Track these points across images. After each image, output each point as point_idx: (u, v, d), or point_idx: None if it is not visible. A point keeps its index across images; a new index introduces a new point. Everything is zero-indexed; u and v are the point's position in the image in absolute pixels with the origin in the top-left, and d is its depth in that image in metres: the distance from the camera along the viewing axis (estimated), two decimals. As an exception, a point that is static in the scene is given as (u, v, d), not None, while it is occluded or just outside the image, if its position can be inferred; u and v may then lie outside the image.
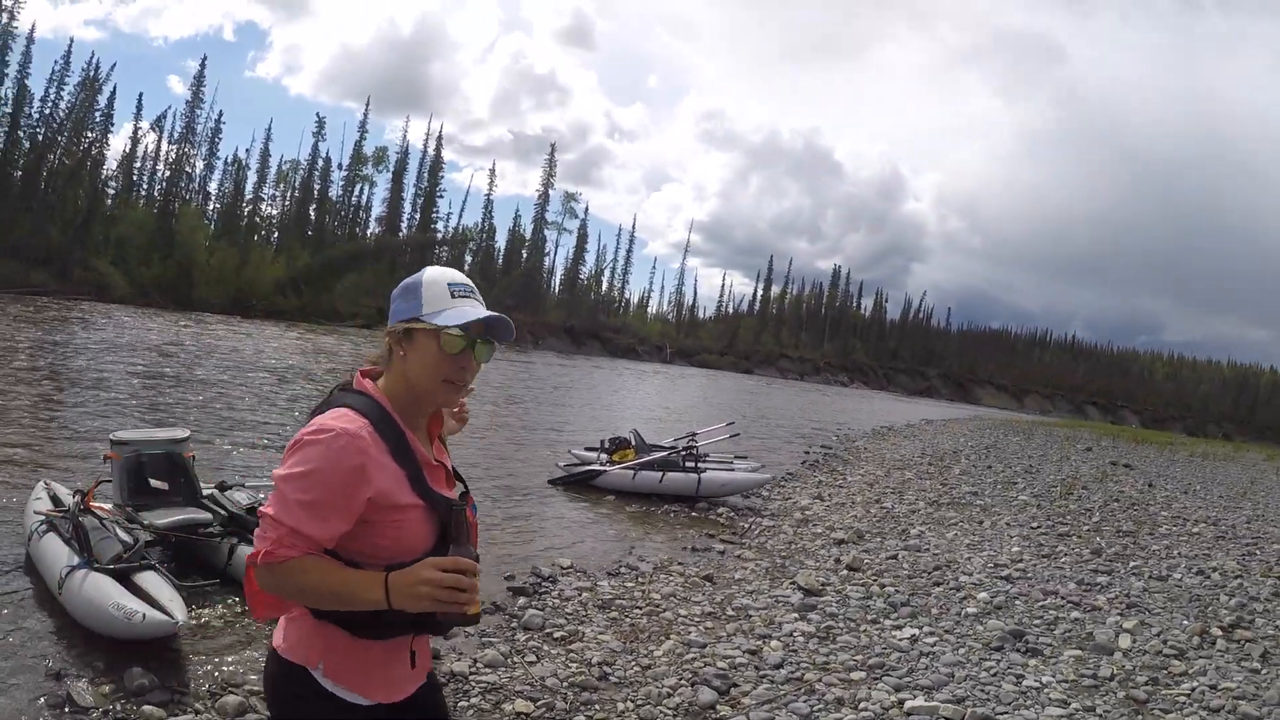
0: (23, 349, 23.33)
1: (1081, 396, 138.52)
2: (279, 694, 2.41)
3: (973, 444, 29.59)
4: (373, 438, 2.24)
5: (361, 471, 2.19)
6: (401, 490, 2.26)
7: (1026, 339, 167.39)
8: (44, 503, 7.71)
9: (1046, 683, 6.19)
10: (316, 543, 2.21)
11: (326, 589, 2.21)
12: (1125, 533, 12.74)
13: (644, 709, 5.63)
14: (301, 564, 2.19)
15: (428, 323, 2.32)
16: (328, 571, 2.21)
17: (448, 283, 2.38)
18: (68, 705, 5.09)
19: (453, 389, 2.36)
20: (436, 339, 2.31)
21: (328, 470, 2.18)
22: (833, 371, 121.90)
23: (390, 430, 2.30)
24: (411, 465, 2.30)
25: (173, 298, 62.30)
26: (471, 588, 2.14)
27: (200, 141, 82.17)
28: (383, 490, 2.22)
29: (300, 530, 2.17)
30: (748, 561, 10.03)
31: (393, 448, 2.27)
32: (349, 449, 2.19)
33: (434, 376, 2.33)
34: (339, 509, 2.20)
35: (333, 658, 2.31)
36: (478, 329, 2.33)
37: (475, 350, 2.35)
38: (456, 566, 2.13)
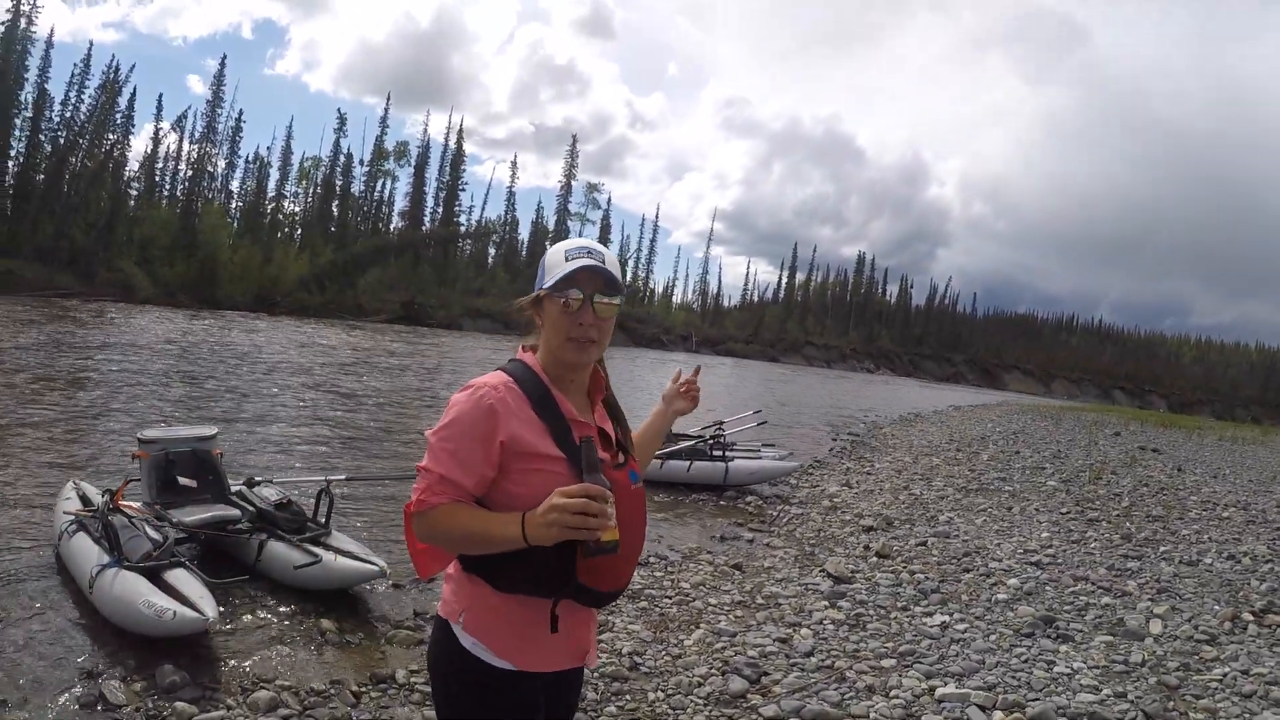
0: (49, 350, 23.48)
1: (1109, 381, 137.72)
2: (430, 649, 2.57)
3: (1000, 430, 29.46)
4: (513, 391, 2.40)
5: (493, 416, 2.34)
6: (541, 441, 2.35)
7: (1053, 323, 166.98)
8: (74, 502, 7.77)
9: (1078, 669, 6.18)
10: (461, 488, 2.35)
11: (470, 531, 2.32)
12: (1154, 518, 12.67)
13: (674, 698, 5.65)
14: (449, 510, 2.34)
15: (545, 289, 2.43)
16: (471, 515, 2.34)
17: (565, 250, 2.47)
18: (100, 703, 5.13)
19: (577, 346, 2.43)
20: (555, 302, 2.42)
21: (465, 418, 2.35)
22: (858, 359, 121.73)
23: (535, 387, 2.43)
24: (555, 420, 2.39)
25: (197, 296, 62.65)
26: (602, 513, 2.16)
27: (221, 140, 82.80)
28: (516, 436, 2.34)
29: (447, 476, 2.34)
30: (776, 549, 10.03)
31: (535, 402, 2.40)
32: (485, 398, 2.36)
33: (559, 335, 2.43)
34: (478, 454, 2.34)
35: (473, 611, 2.42)
36: (585, 283, 2.41)
37: (593, 306, 2.42)
38: (584, 492, 2.16)
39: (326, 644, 6.48)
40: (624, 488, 2.39)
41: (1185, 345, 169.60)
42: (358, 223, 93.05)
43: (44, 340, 25.70)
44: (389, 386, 25.40)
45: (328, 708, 5.34)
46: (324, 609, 7.02)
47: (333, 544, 7.59)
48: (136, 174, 76.45)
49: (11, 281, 50.25)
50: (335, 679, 5.78)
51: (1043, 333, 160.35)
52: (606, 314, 2.44)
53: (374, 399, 22.00)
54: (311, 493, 8.40)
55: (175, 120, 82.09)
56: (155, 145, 79.54)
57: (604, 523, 2.16)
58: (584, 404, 2.54)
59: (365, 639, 6.68)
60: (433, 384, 27.57)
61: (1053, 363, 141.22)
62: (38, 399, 15.45)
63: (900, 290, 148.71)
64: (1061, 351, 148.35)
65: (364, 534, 8.99)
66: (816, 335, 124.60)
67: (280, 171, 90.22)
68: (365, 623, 6.99)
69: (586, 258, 2.42)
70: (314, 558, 7.17)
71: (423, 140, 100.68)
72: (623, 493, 2.35)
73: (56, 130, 67.67)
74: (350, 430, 16.54)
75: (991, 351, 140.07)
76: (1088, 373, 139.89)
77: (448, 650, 2.45)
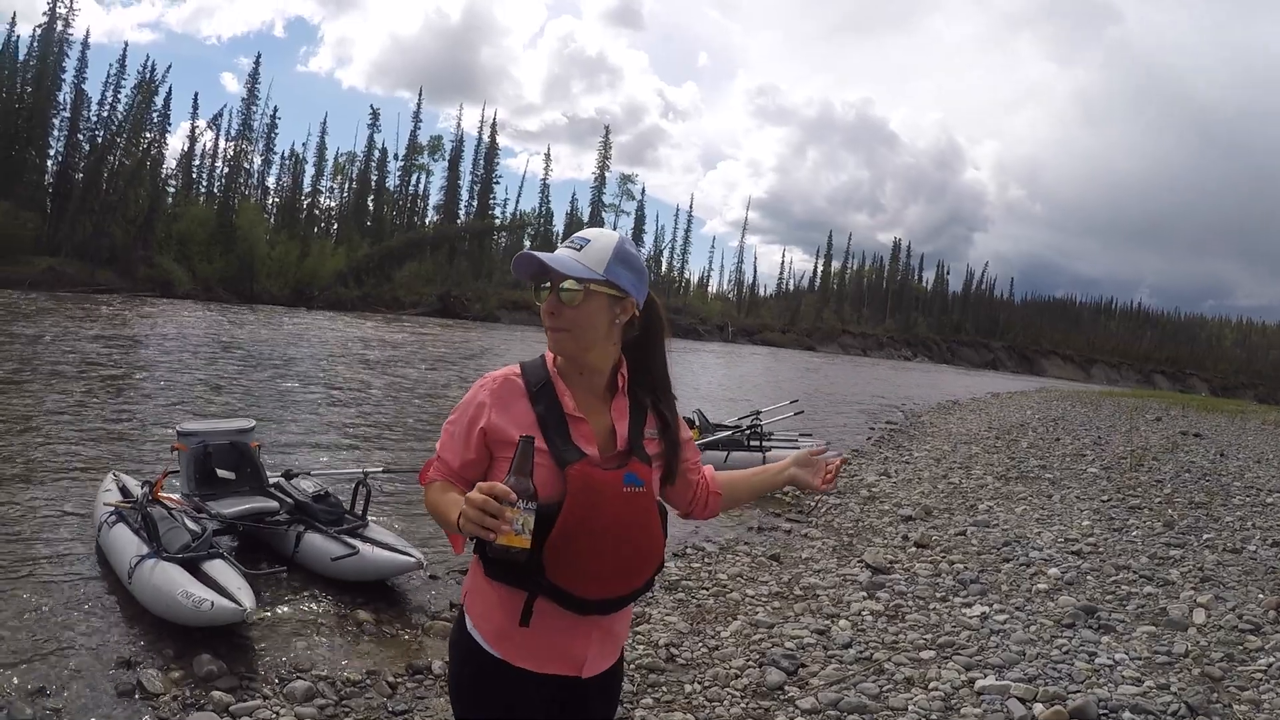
0: (91, 345, 23.72)
1: (1149, 365, 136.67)
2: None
3: (1040, 416, 29.25)
4: (511, 383, 2.43)
5: (481, 406, 2.40)
6: (521, 429, 2.31)
7: (1091, 307, 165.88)
8: (113, 494, 7.83)
9: (1119, 660, 6.09)
10: (450, 468, 2.45)
11: (437, 509, 2.41)
12: (1197, 504, 12.52)
13: (711, 690, 5.62)
14: (436, 486, 2.46)
15: None
16: (444, 495, 2.40)
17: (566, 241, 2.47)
18: (138, 691, 5.17)
19: (548, 335, 2.43)
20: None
21: (462, 405, 2.46)
22: (896, 346, 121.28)
23: (538, 379, 2.44)
24: (548, 411, 2.38)
25: (235, 291, 63.28)
26: (499, 514, 2.05)
27: (257, 137, 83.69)
28: (495, 425, 2.37)
29: (440, 454, 2.48)
30: (814, 540, 9.97)
31: (533, 394, 2.40)
32: (483, 388, 2.44)
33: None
34: (462, 437, 2.43)
35: (472, 594, 2.46)
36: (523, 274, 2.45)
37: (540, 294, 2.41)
38: (490, 490, 2.08)
39: (363, 635, 6.50)
40: (611, 490, 2.32)
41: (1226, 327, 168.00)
42: (393, 217, 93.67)
43: (85, 335, 25.97)
44: (425, 380, 25.50)
45: (364, 698, 5.36)
46: (361, 600, 7.05)
47: (369, 536, 7.62)
48: (174, 171, 77.53)
49: (53, 278, 50.84)
50: (371, 670, 5.80)
51: (1081, 317, 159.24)
52: (569, 300, 2.36)
53: (410, 392, 22.09)
54: (349, 485, 8.45)
55: (211, 118, 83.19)
56: (192, 143, 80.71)
57: (499, 525, 2.07)
58: (597, 400, 2.49)
59: (402, 630, 6.70)
60: (469, 377, 27.57)
61: (1092, 347, 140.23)
62: (79, 393, 15.61)
63: (937, 276, 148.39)
64: (1100, 336, 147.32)
65: (400, 526, 9.02)
66: (853, 323, 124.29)
67: (315, 167, 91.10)
68: (401, 614, 7.02)
69: (563, 246, 2.45)
70: (351, 549, 7.20)
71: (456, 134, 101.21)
72: (605, 493, 2.31)
73: (94, 129, 68.58)
74: (387, 423, 16.61)
75: (1029, 337, 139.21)
76: (1127, 357, 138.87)
77: (457, 629, 2.49)
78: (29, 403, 14.21)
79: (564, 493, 2.26)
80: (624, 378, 2.53)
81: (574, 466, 2.29)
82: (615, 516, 2.31)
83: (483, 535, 2.09)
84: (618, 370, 2.53)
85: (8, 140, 63.06)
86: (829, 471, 2.77)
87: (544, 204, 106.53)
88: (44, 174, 66.64)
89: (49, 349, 21.77)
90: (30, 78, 65.71)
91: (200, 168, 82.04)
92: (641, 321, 2.52)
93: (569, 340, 2.40)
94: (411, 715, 5.19)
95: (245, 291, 64.33)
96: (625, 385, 2.53)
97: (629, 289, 2.43)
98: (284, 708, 5.11)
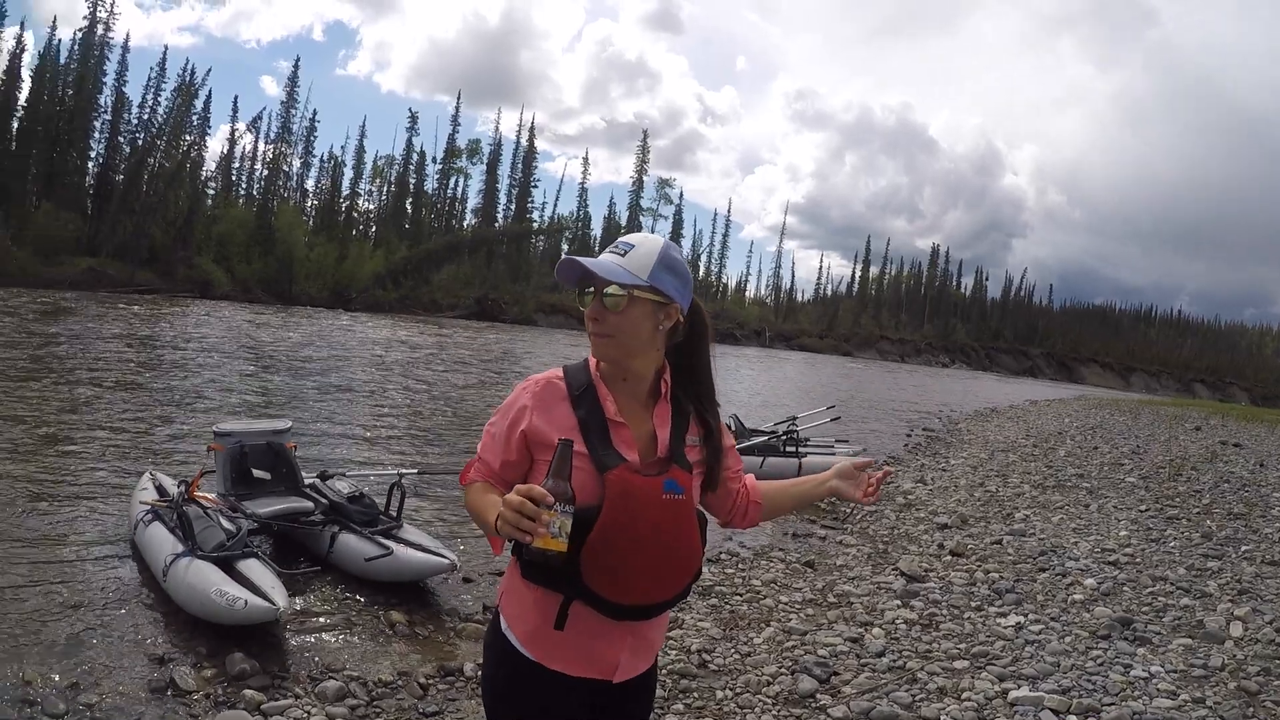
0: (130, 345, 23.97)
1: (1189, 374, 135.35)
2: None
3: (1078, 424, 29.01)
4: (553, 386, 2.43)
5: (523, 409, 2.41)
6: (562, 433, 2.30)
7: (1131, 315, 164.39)
8: (149, 493, 7.90)
9: (1155, 673, 6.02)
10: (491, 470, 2.46)
11: (475, 510, 2.42)
12: (1236, 515, 12.37)
13: (743, 697, 5.61)
14: (476, 487, 2.46)
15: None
16: (483, 496, 2.40)
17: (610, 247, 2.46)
18: (170, 689, 5.22)
19: (591, 340, 2.42)
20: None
21: (505, 407, 2.47)
22: (933, 352, 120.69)
23: (580, 382, 2.43)
24: (589, 415, 2.37)
25: (274, 293, 63.80)
26: (534, 515, 2.05)
27: (296, 140, 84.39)
28: (536, 428, 2.37)
29: (481, 456, 2.49)
30: (850, 547, 9.93)
31: (575, 397, 2.40)
32: (525, 391, 2.44)
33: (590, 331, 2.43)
34: (502, 439, 2.43)
35: (509, 593, 2.46)
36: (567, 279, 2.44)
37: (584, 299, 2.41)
38: (527, 493, 2.07)
39: (395, 636, 6.53)
40: (650, 496, 2.31)
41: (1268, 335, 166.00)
42: (431, 220, 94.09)
43: (124, 335, 26.23)
44: (462, 382, 25.58)
45: (395, 699, 5.38)
46: (394, 601, 7.07)
47: (404, 537, 7.66)
48: (213, 174, 78.30)
49: (93, 279, 51.35)
50: (403, 671, 5.82)
51: (1121, 325, 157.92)
52: (614, 305, 2.36)
53: (447, 394, 22.17)
54: (384, 486, 8.51)
55: (251, 121, 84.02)
56: (231, 145, 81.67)
57: (535, 528, 2.06)
58: (640, 405, 2.47)
59: (434, 631, 6.73)
60: (506, 380, 27.70)
61: (1131, 355, 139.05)
62: (118, 392, 15.77)
63: (975, 283, 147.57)
64: (1140, 344, 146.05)
65: (435, 527, 9.06)
66: (891, 329, 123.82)
67: (354, 170, 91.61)
68: (434, 615, 7.04)
69: (608, 251, 2.43)
70: (385, 550, 7.23)
71: (494, 137, 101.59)
72: (644, 500, 2.30)
73: (135, 132, 69.27)
74: (423, 425, 16.68)
75: (1068, 344, 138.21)
76: (1167, 365, 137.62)
77: (491, 630, 2.49)
78: (68, 402, 14.37)
79: (603, 498, 2.25)
80: (667, 384, 2.52)
81: (613, 472, 2.28)
82: (654, 523, 2.30)
83: (519, 537, 2.08)
84: (661, 376, 2.51)
85: (49, 143, 63.81)
86: (871, 484, 2.69)
87: (582, 208, 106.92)
88: (85, 176, 67.34)
89: (89, 349, 22.00)
90: (71, 81, 66.45)
91: (239, 170, 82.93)
92: (686, 327, 2.51)
93: (612, 346, 2.40)
94: (443, 717, 5.21)
95: (284, 293, 64.79)
96: (668, 391, 2.51)
97: (673, 295, 2.42)
98: (315, 707, 5.14)
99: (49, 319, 28.73)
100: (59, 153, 64.70)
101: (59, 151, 64.67)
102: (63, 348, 21.60)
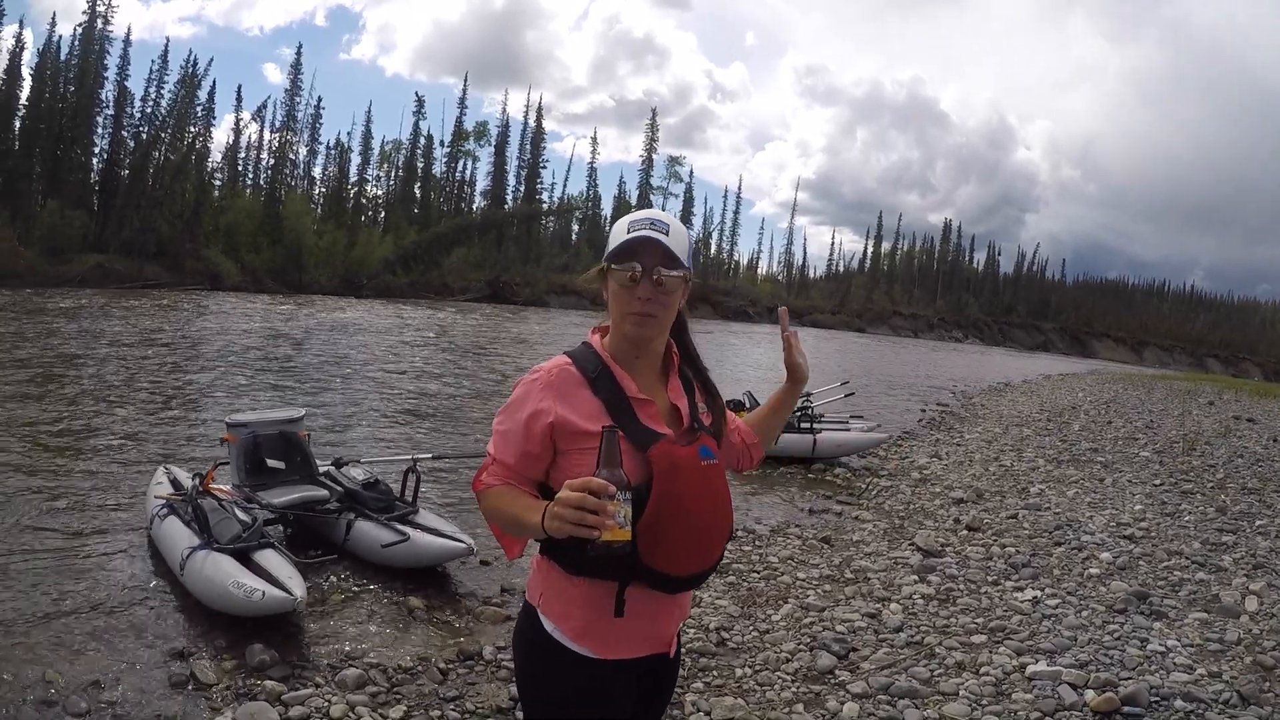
0: (141, 340, 24.03)
1: (1202, 349, 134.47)
2: (515, 630, 2.57)
3: (1092, 399, 28.95)
4: (567, 373, 2.37)
5: (541, 402, 2.33)
6: (592, 420, 2.29)
7: (1144, 290, 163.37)
8: (164, 487, 7.91)
9: (1171, 647, 6.03)
10: (512, 470, 2.38)
11: (507, 515, 2.33)
12: (1250, 490, 12.36)
13: (762, 674, 5.64)
14: (499, 492, 2.38)
15: (605, 261, 2.37)
16: (513, 499, 2.34)
17: (630, 221, 2.38)
18: (191, 682, 5.24)
19: (637, 320, 2.34)
20: (616, 275, 2.35)
21: (516, 402, 2.38)
22: (946, 328, 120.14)
23: (593, 366, 2.38)
24: (612, 397, 2.34)
25: (284, 281, 63.65)
26: (601, 510, 2.00)
27: (302, 128, 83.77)
28: (563, 418, 2.31)
29: (497, 457, 2.40)
30: (866, 523, 9.95)
31: (592, 381, 2.35)
32: (537, 382, 2.36)
33: (620, 309, 2.36)
34: (519, 435, 2.35)
35: (548, 593, 2.40)
36: (644, 255, 2.32)
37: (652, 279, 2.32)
38: (585, 486, 2.02)
39: (414, 621, 6.55)
40: (691, 465, 2.30)
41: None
42: (440, 203, 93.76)
43: (134, 330, 26.28)
44: (475, 365, 25.60)
45: (415, 685, 5.41)
46: (412, 587, 7.10)
47: (420, 522, 7.67)
48: (219, 164, 77.77)
49: (102, 275, 51.32)
50: (423, 656, 5.85)
51: (1134, 299, 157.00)
52: (670, 287, 2.34)
53: (460, 378, 22.18)
54: (399, 472, 8.49)
55: (255, 110, 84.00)
56: (236, 135, 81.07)
57: (603, 521, 2.00)
58: (655, 380, 2.47)
59: (453, 616, 6.74)
60: (519, 362, 27.65)
61: (1144, 330, 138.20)
62: (130, 387, 15.83)
63: (988, 258, 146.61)
64: (1153, 318, 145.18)
65: (451, 512, 9.07)
66: (903, 305, 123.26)
67: (361, 156, 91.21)
68: (452, 600, 7.06)
69: (648, 229, 2.33)
70: (402, 536, 7.25)
71: (502, 119, 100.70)
72: (688, 470, 2.28)
73: (139, 126, 68.78)
74: (437, 409, 16.70)
75: (1081, 319, 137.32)
76: (1180, 340, 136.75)
77: (529, 632, 2.42)
78: (80, 399, 14.44)
79: (649, 475, 2.23)
80: (676, 357, 2.54)
81: (655, 447, 2.27)
82: (697, 492, 2.30)
83: (584, 534, 2.03)
84: (670, 351, 2.53)
85: (53, 140, 63.50)
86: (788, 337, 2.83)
87: (591, 187, 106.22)
88: (90, 172, 66.99)
89: (99, 345, 22.06)
90: (73, 77, 66.24)
91: (245, 160, 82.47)
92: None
93: (654, 326, 2.37)
94: (463, 701, 5.23)
95: (293, 281, 64.65)
96: (677, 364, 2.54)
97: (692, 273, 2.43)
98: (336, 695, 5.17)
99: (58, 317, 28.81)
100: (63, 150, 64.29)
101: (63, 149, 64.26)
102: (74, 345, 21.67)
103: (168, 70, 70.91)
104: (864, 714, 5.09)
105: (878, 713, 5.10)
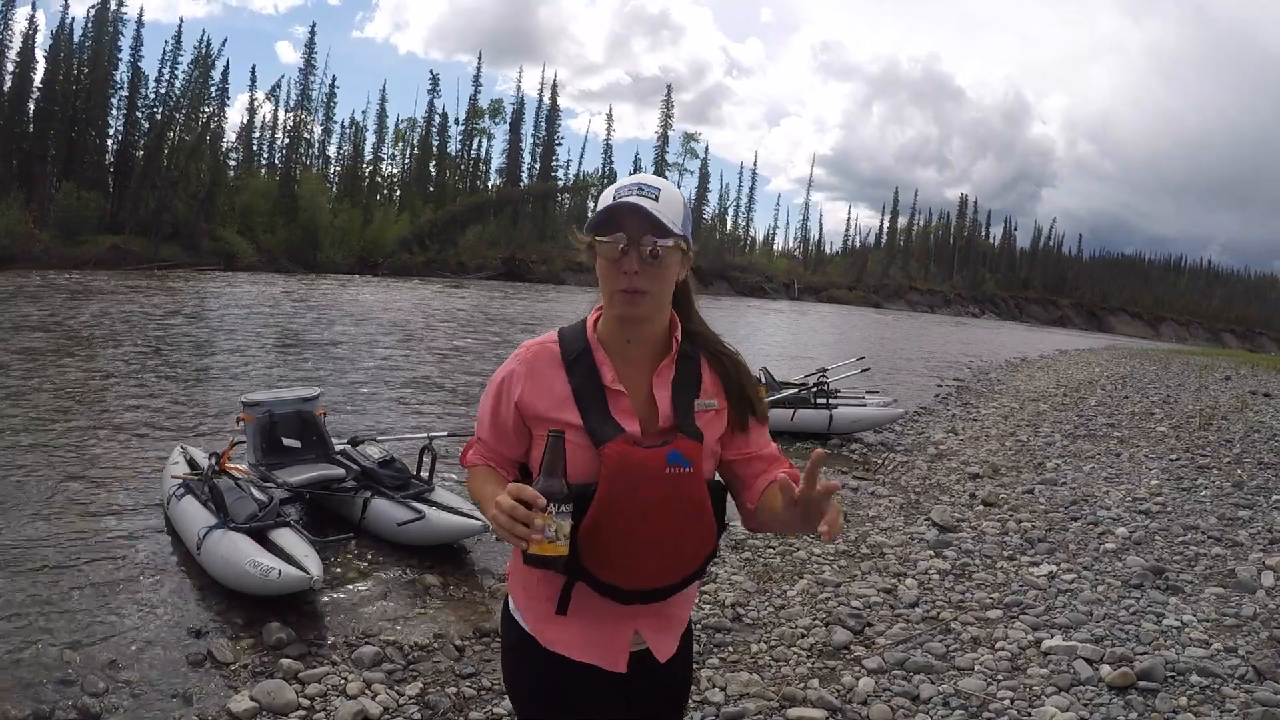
0: (156, 321, 24.11)
1: (1218, 324, 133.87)
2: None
3: (1108, 374, 28.83)
4: (547, 352, 2.24)
5: (512, 379, 2.24)
6: (558, 406, 2.16)
7: (1161, 265, 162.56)
8: (181, 467, 7.99)
9: (1187, 621, 6.01)
10: (490, 448, 2.33)
11: (478, 498, 2.27)
12: (1267, 465, 12.27)
13: (777, 649, 5.65)
14: (476, 471, 2.35)
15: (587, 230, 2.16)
16: (482, 481, 2.29)
17: (615, 187, 2.16)
18: (208, 661, 5.30)
19: (625, 297, 2.13)
20: (600, 246, 2.15)
21: (493, 378, 2.31)
22: (963, 303, 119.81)
23: (574, 347, 2.23)
24: (584, 384, 2.17)
25: (299, 261, 63.93)
26: (527, 521, 1.89)
27: (316, 107, 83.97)
28: (526, 400, 2.20)
29: (478, 435, 2.36)
30: (882, 498, 9.95)
31: (569, 364, 2.20)
32: (514, 360, 2.27)
33: (608, 284, 2.16)
34: (492, 414, 2.29)
35: (513, 576, 2.35)
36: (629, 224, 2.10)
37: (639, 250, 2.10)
38: (518, 495, 1.91)
39: (430, 599, 6.59)
40: (652, 470, 2.09)
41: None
42: (455, 182, 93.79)
43: (150, 311, 26.36)
44: (491, 343, 25.59)
45: (431, 661, 5.44)
46: (428, 564, 7.14)
47: (436, 500, 7.72)
48: (234, 144, 77.94)
49: (118, 256, 51.55)
50: (439, 633, 5.88)
51: (1150, 274, 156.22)
52: (663, 259, 2.11)
53: (475, 356, 22.19)
54: (414, 450, 8.51)
55: (270, 90, 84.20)
56: (251, 115, 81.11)
57: (530, 535, 1.91)
58: (646, 368, 2.24)
59: (469, 593, 6.79)
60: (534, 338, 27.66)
61: (1161, 305, 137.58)
62: (146, 368, 15.90)
63: (1004, 233, 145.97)
64: (1170, 294, 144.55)
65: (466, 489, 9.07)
66: (920, 280, 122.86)
67: (376, 134, 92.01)
68: (468, 577, 7.11)
69: (635, 195, 2.10)
70: (418, 514, 7.29)
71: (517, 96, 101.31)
72: (648, 475, 2.08)
73: (153, 107, 68.88)
74: (453, 387, 16.73)
75: (1098, 294, 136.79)
76: (1196, 315, 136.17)
77: (503, 611, 2.38)
78: (97, 380, 14.49)
79: (599, 475, 2.08)
80: (678, 341, 2.27)
81: (609, 445, 2.09)
82: (656, 500, 2.09)
83: (514, 544, 1.96)
84: (672, 333, 2.28)
85: (68, 123, 63.61)
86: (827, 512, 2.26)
87: (607, 164, 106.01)
88: (104, 154, 67.21)
89: (115, 326, 22.13)
90: (86, 59, 66.29)
91: (260, 139, 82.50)
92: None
93: (648, 303, 2.15)
94: (479, 678, 5.25)
95: (309, 261, 64.86)
96: (677, 350, 2.27)
97: (691, 241, 2.22)
98: (353, 673, 5.20)
99: (74, 299, 28.89)
100: (78, 132, 64.43)
101: (77, 131, 64.40)
102: (89, 327, 21.74)
103: (181, 50, 71.17)
104: (879, 689, 5.10)
105: (893, 688, 5.10)
